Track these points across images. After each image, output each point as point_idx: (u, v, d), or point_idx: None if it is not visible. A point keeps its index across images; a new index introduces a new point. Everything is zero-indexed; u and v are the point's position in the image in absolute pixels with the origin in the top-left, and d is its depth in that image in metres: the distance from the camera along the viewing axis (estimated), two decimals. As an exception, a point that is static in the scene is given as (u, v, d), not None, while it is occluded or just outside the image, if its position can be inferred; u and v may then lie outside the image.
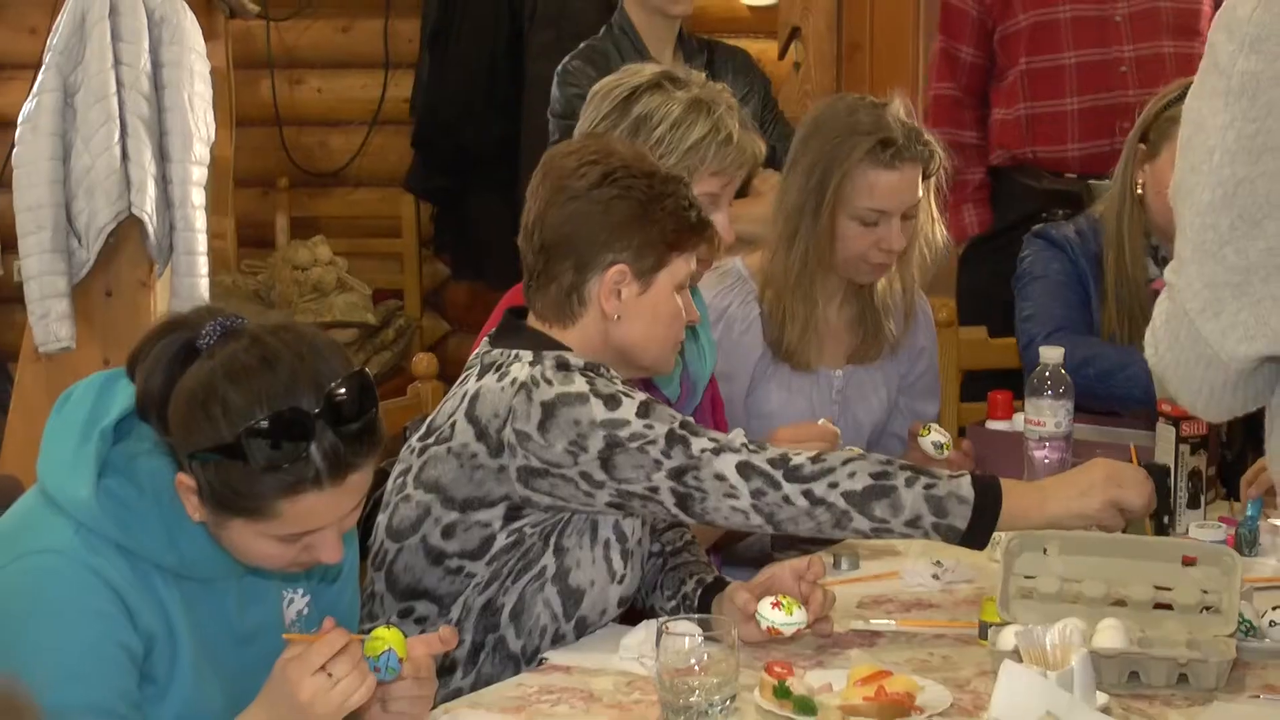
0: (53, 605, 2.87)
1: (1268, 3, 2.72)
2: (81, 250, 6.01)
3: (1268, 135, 2.70)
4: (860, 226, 4.36)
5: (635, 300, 3.55)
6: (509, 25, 7.59)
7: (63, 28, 6.02)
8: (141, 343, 2.98)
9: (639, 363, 3.63)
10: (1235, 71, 2.73)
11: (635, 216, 3.52)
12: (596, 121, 4.05)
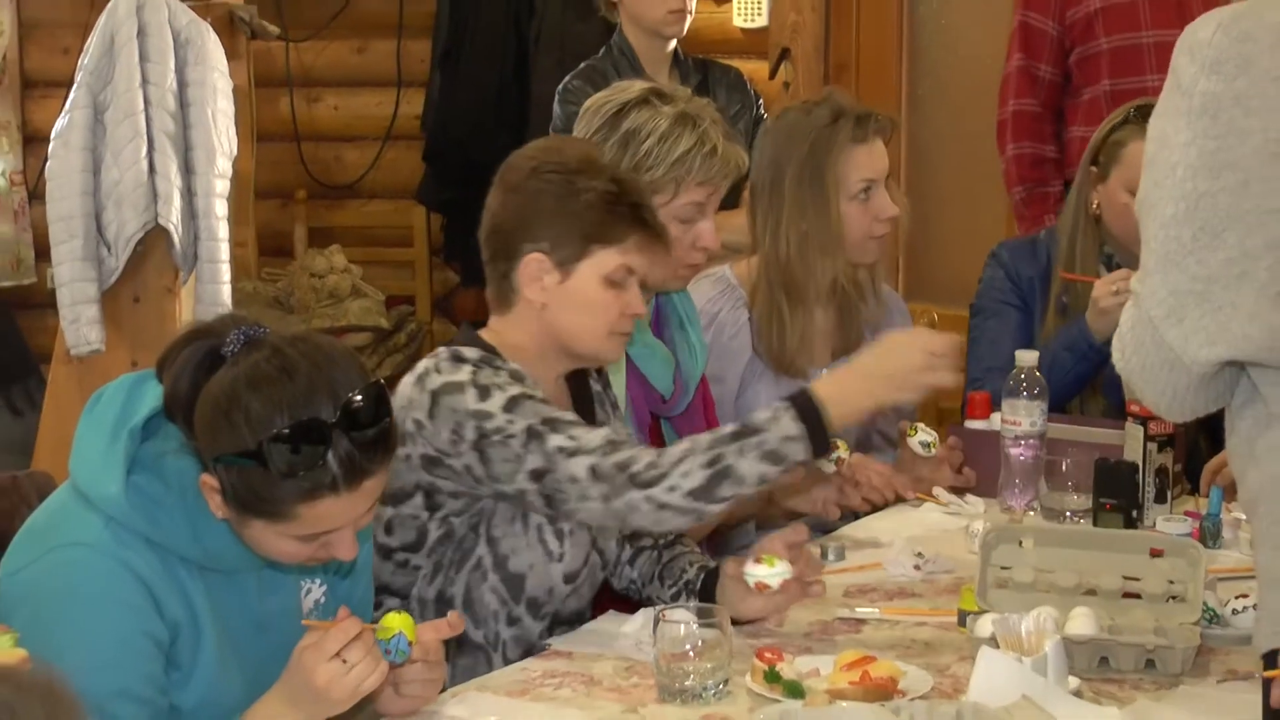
0: (84, 596, 2.87)
1: (1226, 27, 2.73)
2: (111, 258, 6.00)
3: (1227, 152, 2.71)
4: (859, 204, 4.39)
5: (557, 288, 3.53)
6: (515, 47, 7.59)
7: (93, 49, 6.02)
8: (169, 348, 2.98)
9: (576, 351, 3.61)
10: (1196, 92, 2.73)
11: (552, 208, 3.52)
12: (589, 135, 4.03)
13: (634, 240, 3.52)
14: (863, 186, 4.40)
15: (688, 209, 3.96)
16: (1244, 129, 2.71)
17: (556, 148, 3.62)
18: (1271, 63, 2.71)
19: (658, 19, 5.44)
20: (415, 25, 8.16)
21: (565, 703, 3.19)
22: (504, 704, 3.19)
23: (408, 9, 8.22)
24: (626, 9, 5.50)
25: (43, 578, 2.91)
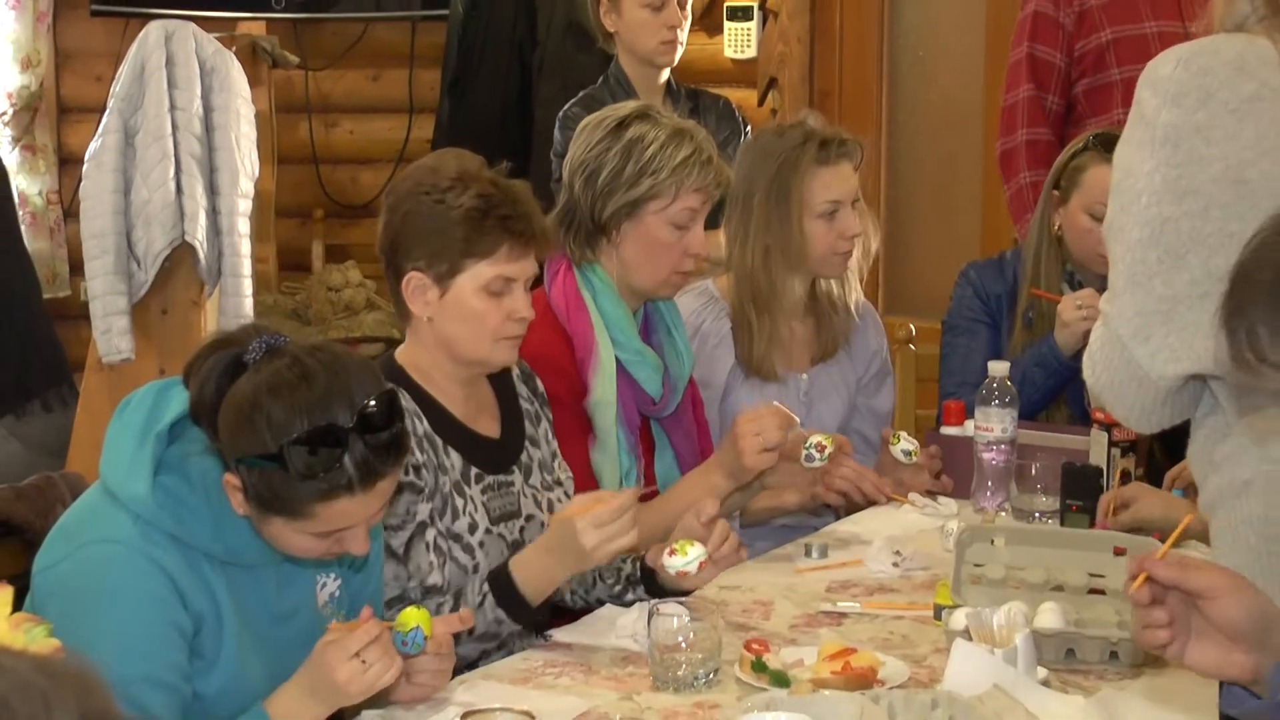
0: (113, 589, 2.88)
1: (1186, 63, 2.76)
2: (140, 273, 6.00)
3: (1189, 179, 2.72)
4: (823, 223, 4.38)
5: (439, 303, 3.52)
6: (520, 76, 7.59)
7: (125, 76, 6.02)
8: (195, 356, 2.99)
9: (463, 359, 3.59)
10: (1159, 123, 2.75)
11: (425, 227, 3.50)
12: (590, 148, 4.06)
13: (505, 250, 3.49)
14: (828, 209, 4.39)
15: (683, 214, 3.98)
16: (1204, 157, 2.72)
17: (433, 167, 3.57)
18: (1229, 95, 2.73)
19: (651, 49, 5.46)
20: (426, 55, 8.16)
21: (565, 690, 3.19)
22: (508, 691, 3.19)
23: (419, 40, 8.21)
24: (623, 40, 5.51)
25: (74, 572, 2.92)
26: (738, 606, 3.68)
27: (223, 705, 2.97)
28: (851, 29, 7.12)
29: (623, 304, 4.06)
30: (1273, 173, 2.73)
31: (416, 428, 3.47)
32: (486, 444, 3.64)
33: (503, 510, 3.60)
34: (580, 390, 3.98)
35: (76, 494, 3.15)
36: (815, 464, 4.02)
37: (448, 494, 3.51)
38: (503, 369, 3.73)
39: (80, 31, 8.16)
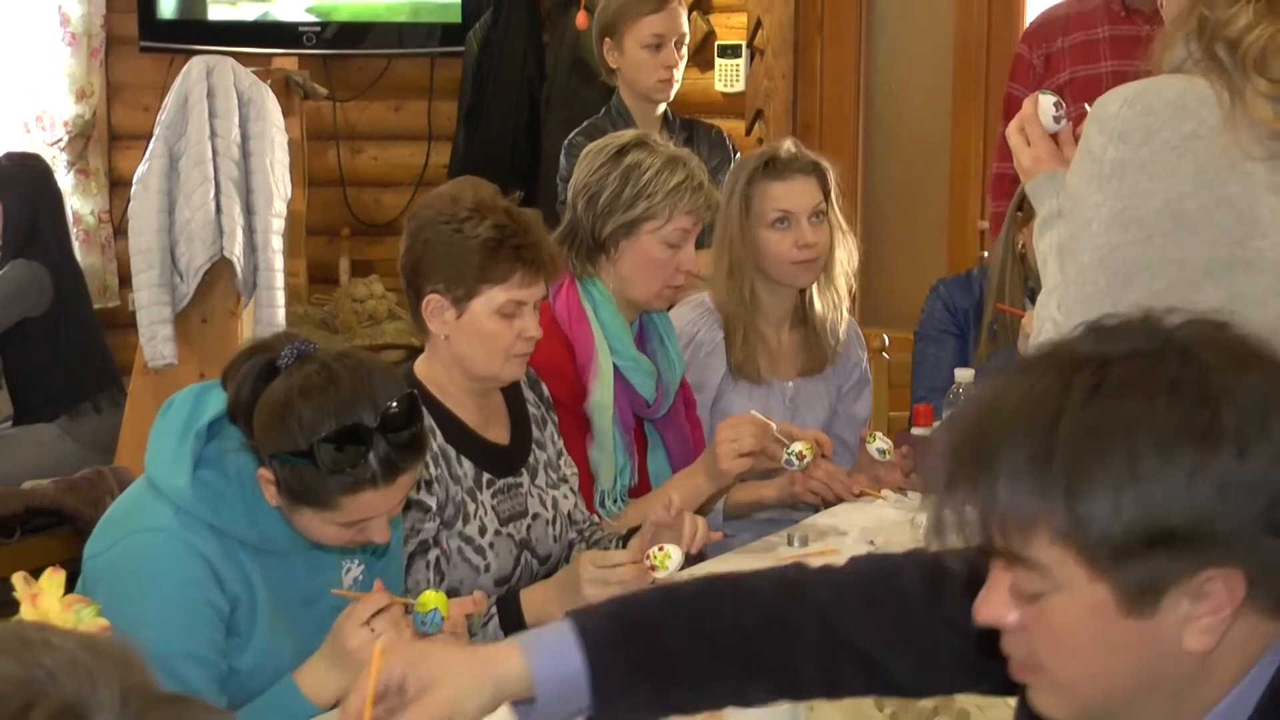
0: (156, 573, 2.88)
1: (1130, 102, 2.77)
2: (182, 285, 6.00)
3: (1134, 210, 2.73)
4: (776, 232, 4.36)
5: (455, 323, 3.51)
6: (529, 108, 7.58)
7: (170, 106, 6.02)
8: (232, 361, 3.01)
9: (473, 374, 3.58)
10: (1106, 159, 2.76)
11: (444, 255, 3.49)
12: (592, 172, 4.07)
13: (518, 277, 3.48)
14: (777, 217, 4.37)
15: (676, 234, 3.99)
16: (1147, 191, 2.73)
17: (453, 196, 3.56)
18: (1170, 133, 2.74)
19: (649, 86, 5.45)
20: (443, 89, 8.16)
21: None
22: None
23: (437, 75, 8.21)
24: (623, 77, 5.50)
25: (121, 558, 2.92)
26: (726, 591, 3.66)
27: (256, 679, 2.98)
28: (831, 67, 7.12)
29: (620, 315, 4.07)
30: (1210, 204, 2.74)
31: (431, 444, 3.45)
32: (496, 450, 3.63)
33: (511, 511, 3.60)
34: (580, 394, 3.98)
35: (123, 487, 3.14)
36: (794, 469, 4.01)
37: (460, 502, 3.51)
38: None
39: (130, 66, 8.16)
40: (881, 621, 2.11)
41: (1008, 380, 1.72)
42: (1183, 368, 1.65)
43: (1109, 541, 1.63)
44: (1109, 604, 1.65)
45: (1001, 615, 1.73)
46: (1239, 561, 1.62)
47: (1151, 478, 1.61)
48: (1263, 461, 1.61)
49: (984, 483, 1.68)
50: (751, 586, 2.16)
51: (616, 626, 2.11)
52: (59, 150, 8.00)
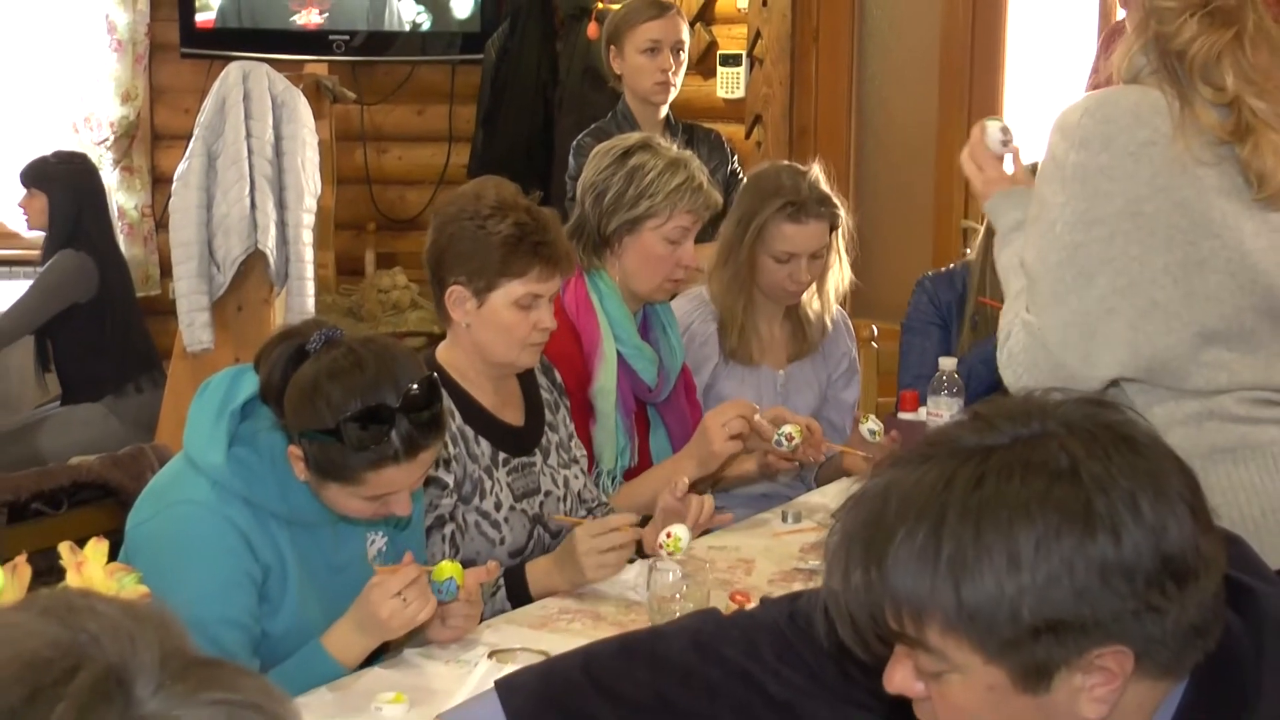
0: (194, 543, 2.89)
1: (1091, 111, 2.79)
2: (219, 275, 6.01)
3: (1096, 211, 2.76)
4: (775, 263, 4.34)
5: (476, 313, 3.50)
6: (542, 111, 7.58)
7: (208, 108, 6.02)
8: (265, 346, 3.02)
9: (491, 360, 3.57)
10: (1069, 163, 2.78)
11: (468, 249, 3.48)
12: (599, 172, 4.06)
13: (536, 272, 3.47)
14: (784, 257, 4.34)
15: (676, 231, 3.99)
16: (1108, 193, 2.75)
17: (476, 194, 3.55)
18: (1128, 140, 2.76)
19: (647, 89, 5.45)
20: (463, 93, 8.15)
21: (576, 634, 3.17)
22: (527, 634, 3.18)
23: (458, 80, 8.21)
24: (625, 80, 5.51)
25: (161, 529, 2.93)
26: (724, 564, 3.67)
27: (287, 643, 2.98)
28: (825, 74, 7.11)
29: (624, 306, 4.06)
30: (1166, 207, 2.76)
31: (450, 425, 3.45)
32: (512, 431, 3.63)
33: (525, 489, 3.59)
34: (586, 379, 3.98)
35: (163, 462, 3.15)
36: (784, 449, 4.00)
37: (477, 479, 3.51)
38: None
39: (171, 71, 8.16)
40: (796, 671, 2.12)
41: (899, 470, 1.69)
42: (1058, 455, 1.64)
43: (997, 632, 1.62)
44: (1005, 683, 1.65)
45: (908, 688, 1.73)
46: (1125, 640, 1.62)
47: (1033, 569, 1.60)
48: (1138, 543, 1.60)
49: (877, 573, 1.66)
50: (666, 651, 2.17)
51: (540, 703, 2.15)
52: (105, 149, 8.00)
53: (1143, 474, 1.64)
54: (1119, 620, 1.61)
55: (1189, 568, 1.62)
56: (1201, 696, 1.68)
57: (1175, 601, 1.62)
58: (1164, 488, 1.64)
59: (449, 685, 2.88)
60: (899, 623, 1.68)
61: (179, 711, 1.02)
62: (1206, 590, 1.64)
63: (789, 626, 2.15)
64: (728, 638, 2.17)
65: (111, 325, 6.39)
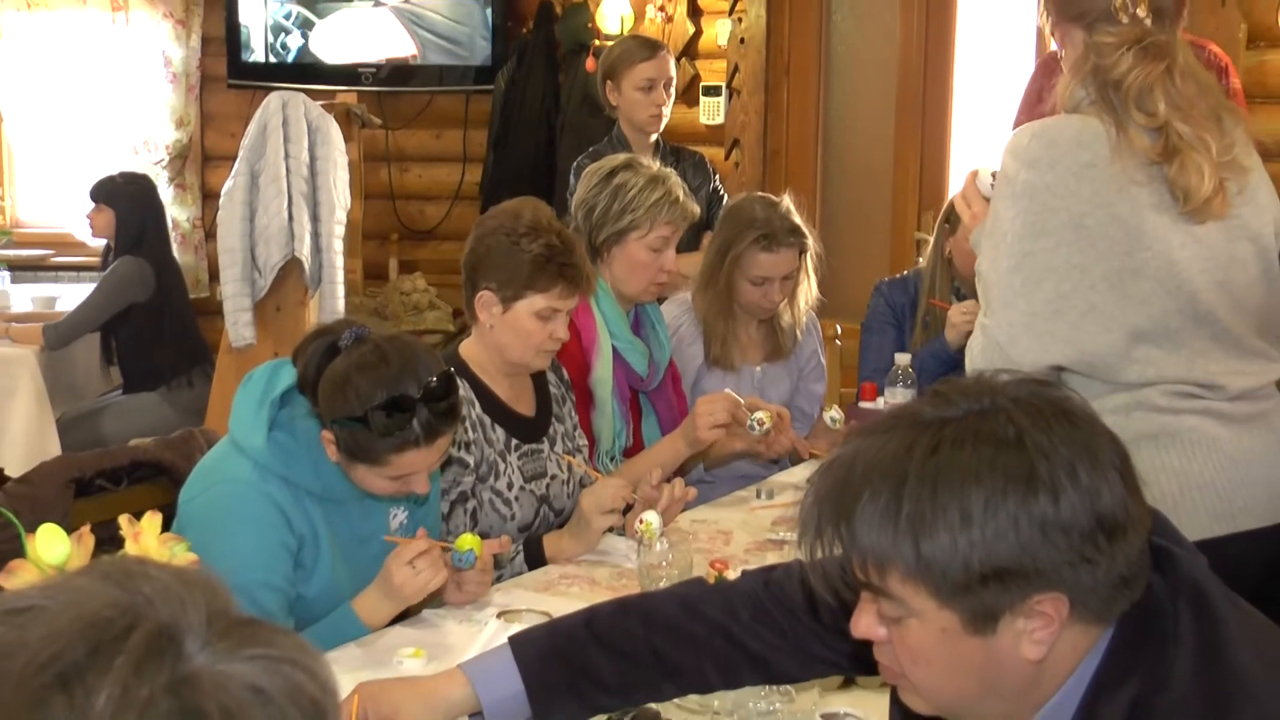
0: (237, 516, 2.88)
1: (1038, 135, 2.81)
2: (260, 279, 6.00)
3: (1043, 224, 2.77)
4: (751, 285, 4.34)
5: (500, 317, 3.49)
6: (546, 135, 7.58)
7: (251, 133, 6.02)
8: (301, 342, 3.01)
9: (507, 359, 3.56)
10: (1019, 181, 2.80)
11: (500, 261, 3.47)
12: (588, 190, 4.07)
13: (558, 290, 3.46)
14: (759, 280, 4.34)
15: (658, 240, 3.99)
16: (1053, 208, 2.77)
17: (515, 213, 3.54)
18: (1071, 162, 2.78)
19: (642, 121, 5.45)
20: (476, 120, 8.16)
21: (575, 597, 3.17)
22: (533, 597, 3.18)
23: (471, 108, 8.21)
24: (622, 112, 5.49)
25: (209, 504, 2.93)
26: (705, 535, 3.67)
27: (319, 604, 2.98)
28: (795, 104, 7.11)
29: (618, 306, 4.06)
30: (1104, 221, 2.77)
31: (470, 413, 3.46)
32: (523, 420, 3.62)
33: (533, 472, 3.59)
34: (585, 371, 3.98)
35: (211, 445, 3.14)
36: (755, 433, 4.00)
37: (492, 461, 3.51)
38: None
39: (219, 100, 8.17)
40: (769, 630, 2.14)
41: (866, 440, 1.72)
42: (1006, 426, 1.66)
43: (950, 580, 1.64)
44: (956, 626, 1.67)
45: (871, 632, 1.75)
46: (1062, 588, 1.64)
47: (982, 525, 1.62)
48: (1074, 503, 1.62)
49: (846, 529, 1.69)
50: (657, 611, 2.19)
51: (548, 654, 2.16)
52: (161, 169, 8.00)
53: (1079, 443, 1.66)
54: (1057, 570, 1.63)
55: (1118, 525, 1.65)
56: (1126, 641, 1.70)
57: (1106, 555, 1.64)
58: (1098, 455, 1.66)
59: (463, 641, 2.89)
60: (864, 572, 1.70)
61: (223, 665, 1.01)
62: (1133, 546, 1.67)
63: (764, 593, 2.17)
64: (711, 601, 2.19)
65: (167, 323, 6.40)
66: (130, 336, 6.36)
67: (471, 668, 2.16)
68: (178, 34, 8.07)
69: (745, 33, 7.11)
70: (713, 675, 2.18)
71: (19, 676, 0.97)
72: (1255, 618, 1.75)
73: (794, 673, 2.20)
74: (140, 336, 6.35)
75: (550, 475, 3.63)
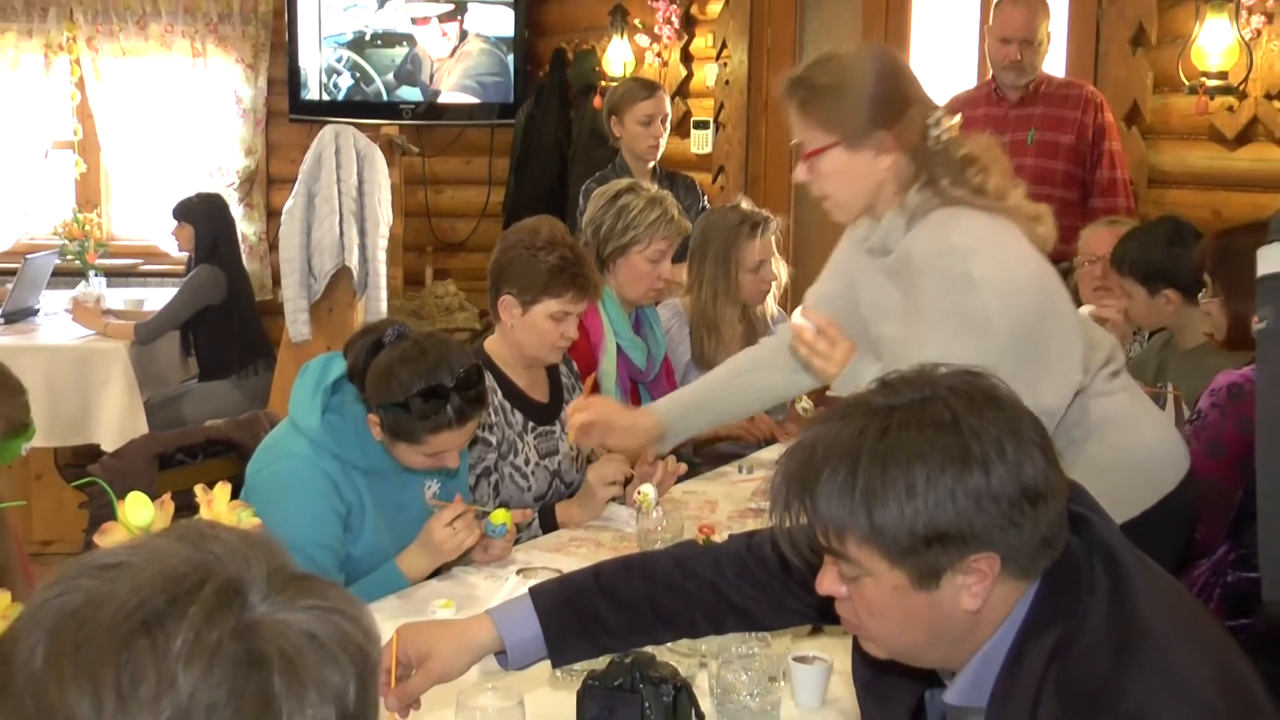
0: (295, 486, 2.89)
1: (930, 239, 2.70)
2: (315, 285, 6.01)
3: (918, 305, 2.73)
4: (752, 275, 4.35)
5: (519, 318, 3.49)
6: (559, 163, 7.58)
7: (308, 160, 6.02)
8: (351, 338, 3.04)
9: (524, 354, 3.55)
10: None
11: (521, 270, 3.46)
12: (596, 210, 4.08)
13: (570, 295, 3.46)
14: (755, 265, 4.36)
15: (655, 253, 4.00)
16: None
17: (534, 229, 3.54)
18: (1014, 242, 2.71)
19: (642, 150, 5.45)
20: (500, 149, 8.16)
21: (583, 557, 3.18)
22: (547, 556, 3.19)
23: (495, 139, 8.21)
24: (624, 143, 5.50)
25: (271, 476, 2.93)
26: (695, 505, 3.67)
27: (365, 562, 2.98)
28: (773, 137, 7.09)
29: (621, 309, 4.07)
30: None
31: (493, 399, 3.45)
32: (539, 406, 3.62)
33: (547, 450, 3.59)
34: (592, 364, 3.98)
35: (274, 425, 3.15)
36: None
37: (511, 441, 3.51)
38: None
39: (282, 131, 8.15)
40: (750, 586, 2.15)
41: (825, 426, 1.73)
42: (943, 411, 1.67)
43: (899, 544, 1.65)
44: (905, 583, 1.68)
45: (833, 589, 1.76)
46: (994, 548, 1.65)
47: (925, 496, 1.63)
48: (1002, 476, 1.64)
49: (809, 502, 1.70)
50: (655, 568, 2.20)
51: (561, 603, 2.17)
52: (232, 190, 8.00)
53: (1006, 425, 1.67)
54: (989, 533, 1.64)
55: (1040, 494, 1.66)
56: (1049, 593, 1.72)
57: (1030, 519, 1.65)
58: (1022, 434, 1.67)
59: (487, 594, 2.89)
60: (826, 539, 1.71)
61: (281, 614, 1.01)
62: (1053, 511, 1.68)
63: (746, 554, 2.17)
64: (701, 560, 2.19)
65: (237, 322, 6.39)
66: (206, 333, 6.36)
67: (496, 613, 2.16)
68: (247, 76, 8.07)
69: (730, 75, 7.10)
70: (701, 623, 2.19)
71: (109, 622, 0.97)
72: (1158, 573, 1.77)
73: (771, 622, 2.20)
74: (214, 333, 6.35)
75: (561, 453, 3.63)
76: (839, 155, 2.71)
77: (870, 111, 2.67)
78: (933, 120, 2.69)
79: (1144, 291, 3.96)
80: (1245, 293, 2.60)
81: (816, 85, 2.70)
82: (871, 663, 1.87)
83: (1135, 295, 3.98)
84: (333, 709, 1.00)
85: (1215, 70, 5.07)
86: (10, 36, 7.92)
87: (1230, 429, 3.17)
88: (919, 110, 2.70)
